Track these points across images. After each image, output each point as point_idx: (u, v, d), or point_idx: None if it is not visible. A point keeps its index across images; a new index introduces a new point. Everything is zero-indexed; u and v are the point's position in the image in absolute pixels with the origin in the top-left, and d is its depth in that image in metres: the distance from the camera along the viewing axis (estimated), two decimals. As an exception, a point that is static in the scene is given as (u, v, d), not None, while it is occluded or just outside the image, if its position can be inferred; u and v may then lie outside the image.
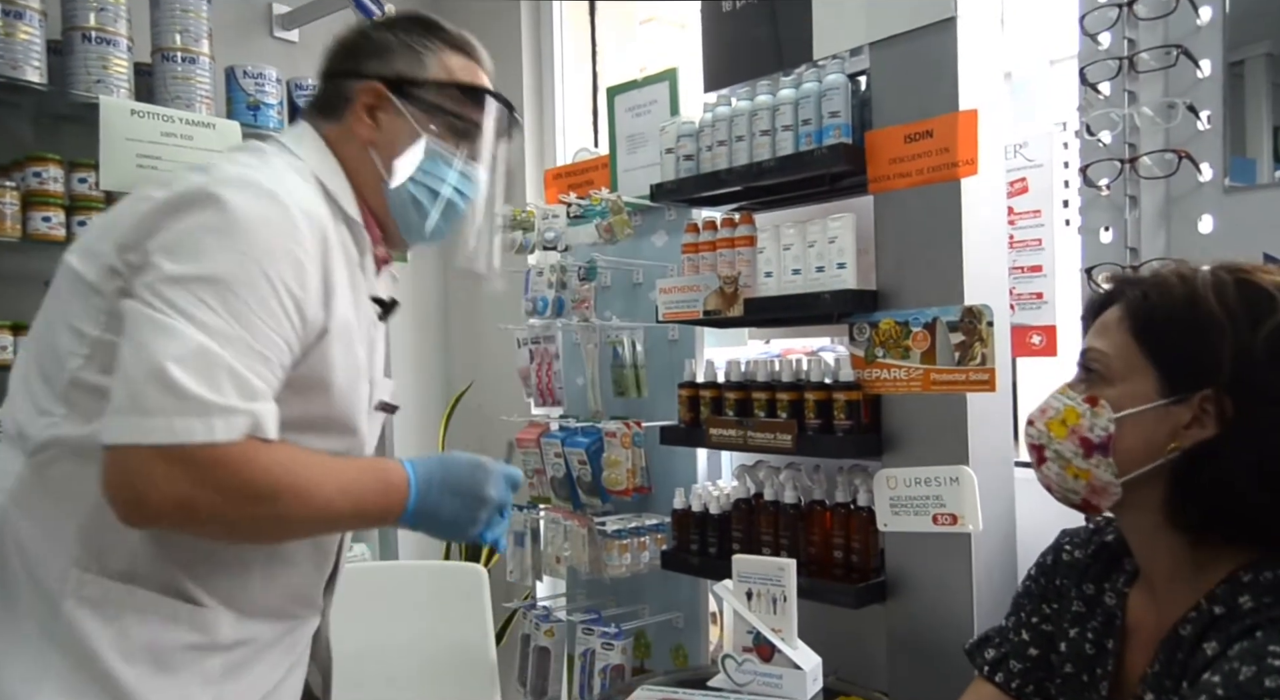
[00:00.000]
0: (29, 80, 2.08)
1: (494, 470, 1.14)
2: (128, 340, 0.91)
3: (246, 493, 0.93)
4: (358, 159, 1.16)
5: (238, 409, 0.91)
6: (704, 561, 1.95)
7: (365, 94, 1.16)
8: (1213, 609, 0.90)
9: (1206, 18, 1.45)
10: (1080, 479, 0.98)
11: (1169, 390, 0.93)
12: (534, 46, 3.11)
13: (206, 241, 0.94)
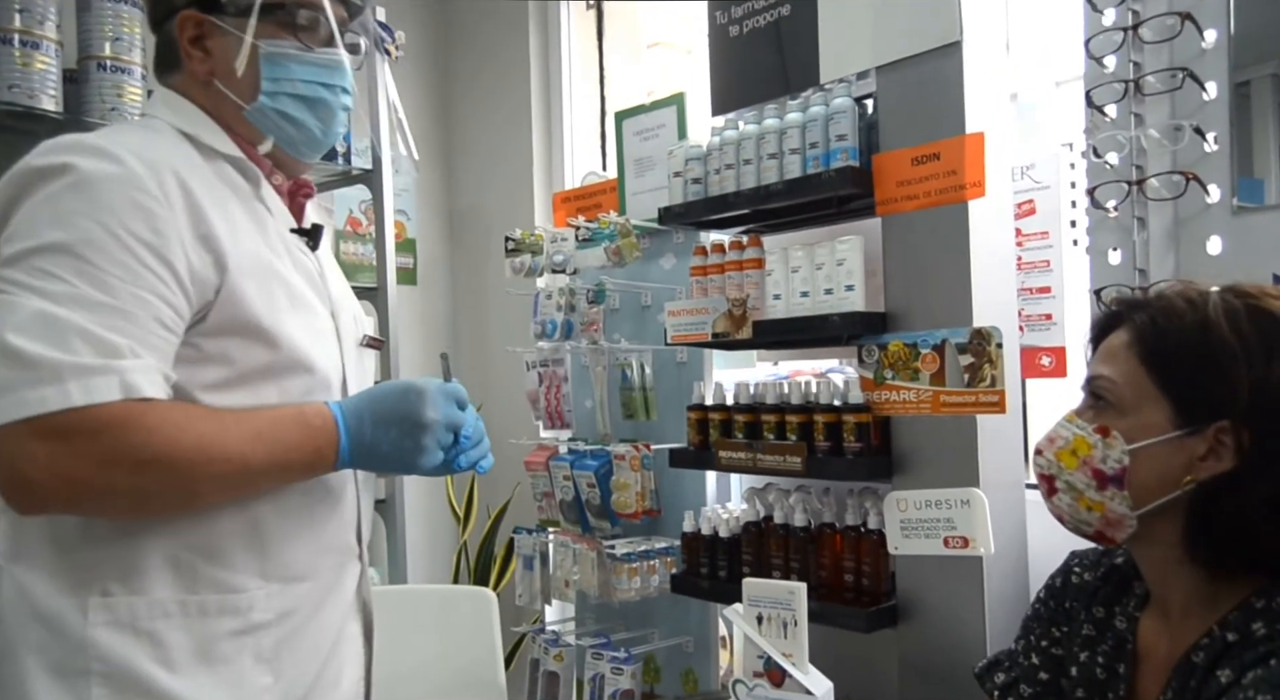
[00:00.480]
0: (45, 109, 2.10)
1: (428, 390, 1.05)
2: None
3: (136, 458, 0.87)
4: (214, 98, 1.08)
5: (96, 368, 0.85)
6: (714, 585, 1.94)
7: (185, 26, 1.07)
8: (1226, 636, 0.89)
9: (1211, 41, 1.45)
10: (1094, 511, 0.96)
11: (1183, 421, 0.91)
12: (542, 70, 3.14)
13: (42, 214, 0.90)
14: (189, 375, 0.97)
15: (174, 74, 1.11)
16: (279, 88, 1.08)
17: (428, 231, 3.33)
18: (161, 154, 0.98)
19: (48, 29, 2.11)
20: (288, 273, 1.07)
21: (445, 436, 1.06)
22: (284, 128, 1.10)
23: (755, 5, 1.93)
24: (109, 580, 0.96)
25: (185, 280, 0.95)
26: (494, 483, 3.08)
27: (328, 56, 1.11)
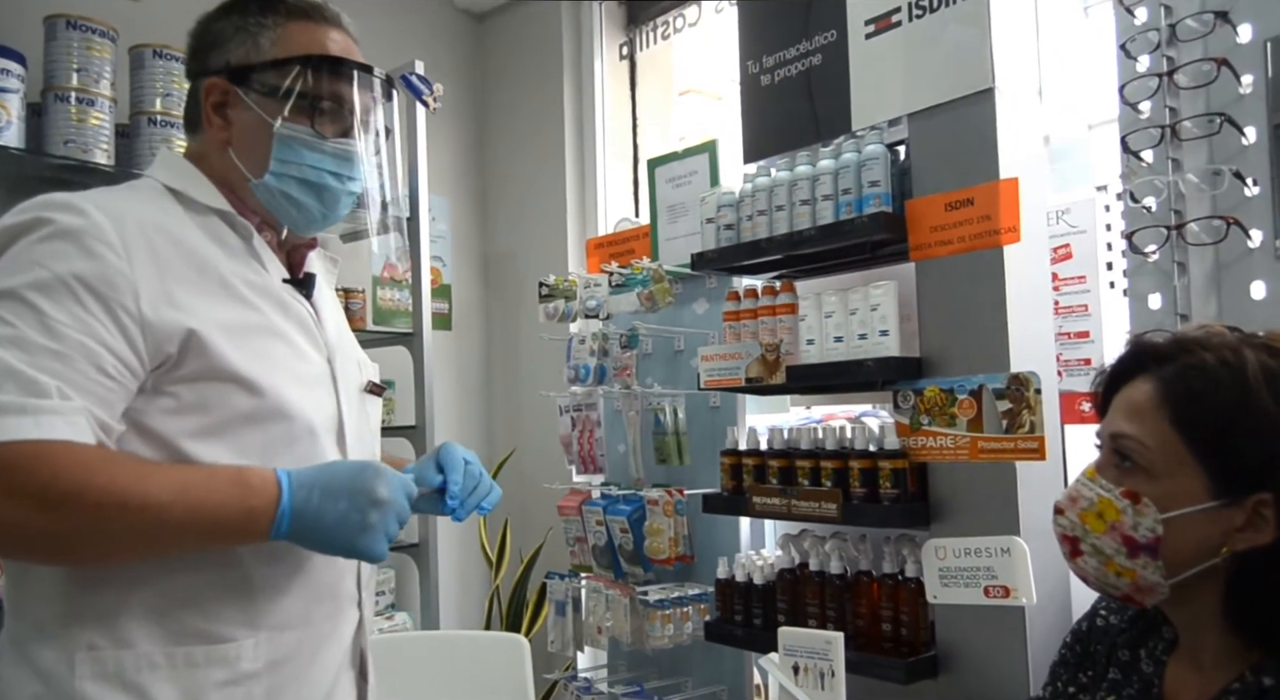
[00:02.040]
0: (97, 162, 2.18)
1: (385, 471, 1.01)
2: None
3: (41, 496, 0.85)
4: (226, 163, 1.09)
5: (12, 406, 0.85)
6: (749, 633, 1.92)
7: (210, 93, 1.08)
8: (1261, 680, 0.87)
9: (1249, 85, 1.45)
10: (1124, 577, 0.92)
11: (1220, 492, 0.87)
12: (576, 118, 3.19)
13: (4, 264, 0.92)
14: (170, 424, 0.97)
15: (196, 132, 1.13)
16: (286, 170, 1.09)
17: (463, 277, 3.38)
18: (131, 209, 0.98)
19: (103, 86, 2.19)
20: (276, 321, 1.06)
21: (394, 526, 1.01)
22: (284, 207, 1.11)
23: (786, 55, 1.96)
24: (94, 633, 0.95)
25: (135, 330, 0.94)
26: (526, 527, 3.08)
27: (341, 147, 1.11)
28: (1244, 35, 1.46)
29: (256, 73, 1.08)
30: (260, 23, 1.10)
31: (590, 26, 3.19)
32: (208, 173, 1.10)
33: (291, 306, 1.10)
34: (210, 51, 1.11)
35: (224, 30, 1.11)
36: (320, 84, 1.09)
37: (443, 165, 3.28)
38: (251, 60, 1.08)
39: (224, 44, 1.10)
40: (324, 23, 1.14)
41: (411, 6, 3.28)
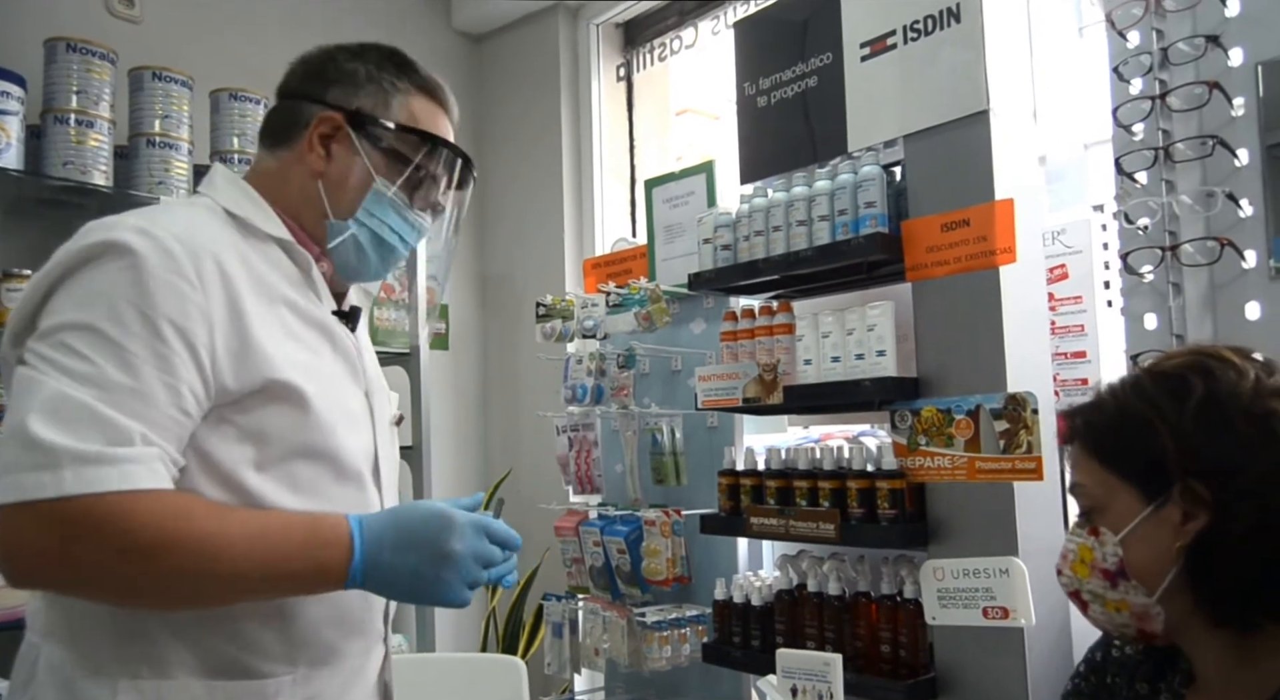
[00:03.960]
0: (96, 184, 2.18)
1: (458, 520, 0.99)
2: (5, 405, 0.87)
3: (125, 546, 0.85)
4: (299, 187, 1.10)
5: (95, 456, 0.84)
6: (746, 655, 1.91)
7: (323, 123, 1.09)
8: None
9: (1241, 108, 1.46)
10: (1122, 611, 0.97)
11: (1149, 497, 0.94)
12: (573, 138, 3.21)
13: (76, 291, 0.90)
14: (230, 452, 0.97)
15: (278, 148, 1.12)
16: (369, 222, 1.11)
17: (460, 297, 3.38)
18: (204, 237, 0.98)
19: (102, 108, 2.20)
20: (327, 355, 1.07)
21: (474, 571, 1.00)
22: (350, 252, 1.12)
23: (782, 77, 1.97)
24: (138, 663, 0.95)
25: (208, 364, 0.93)
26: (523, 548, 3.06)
27: (422, 221, 1.16)
28: (1235, 59, 1.47)
29: (378, 128, 1.10)
30: (394, 83, 1.13)
31: (587, 48, 3.21)
32: (271, 192, 1.09)
33: (340, 340, 1.11)
34: (334, 86, 1.12)
35: (356, 73, 1.13)
36: (434, 165, 1.14)
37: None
38: (378, 115, 1.11)
39: (352, 86, 1.12)
40: (444, 109, 1.18)
41: (409, 27, 3.30)
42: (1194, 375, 0.93)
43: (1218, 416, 0.90)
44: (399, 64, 1.15)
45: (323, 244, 1.11)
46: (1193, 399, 0.92)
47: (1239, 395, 0.90)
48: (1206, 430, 0.91)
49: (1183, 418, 0.91)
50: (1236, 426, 0.90)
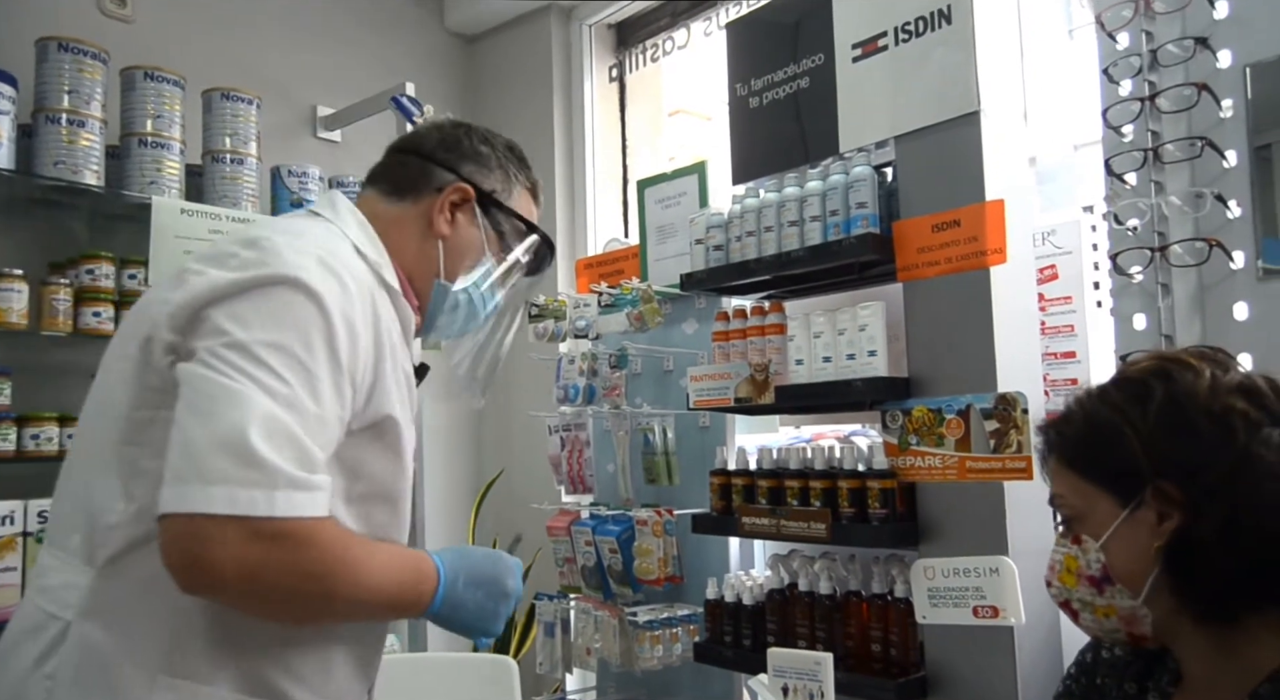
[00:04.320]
0: (87, 183, 2.18)
1: (511, 562, 1.13)
2: (189, 405, 0.89)
3: (307, 569, 0.91)
4: (418, 242, 1.18)
5: (301, 481, 0.89)
6: (738, 654, 1.91)
7: (456, 192, 1.19)
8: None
9: (1229, 109, 1.47)
10: (1111, 617, 0.99)
11: (1124, 501, 0.96)
12: (565, 138, 3.21)
13: (264, 308, 0.94)
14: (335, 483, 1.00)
15: (397, 198, 1.19)
16: (470, 290, 1.22)
17: (453, 296, 3.38)
18: (365, 278, 1.06)
19: (93, 108, 2.20)
20: (408, 404, 1.14)
21: (509, 610, 1.13)
22: (443, 312, 1.22)
23: (774, 78, 1.98)
24: (183, 664, 0.97)
25: (353, 399, 1.00)
26: (515, 548, 3.07)
27: (501, 295, 1.28)
28: (1224, 61, 1.48)
29: (501, 212, 1.24)
30: (517, 175, 1.27)
31: (580, 49, 3.21)
32: (386, 238, 1.15)
33: (414, 391, 1.18)
34: (468, 161, 1.22)
35: (488, 156, 1.24)
36: (536, 258, 1.29)
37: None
38: (501, 200, 1.24)
39: (483, 166, 1.23)
40: (539, 207, 1.33)
41: (403, 29, 3.30)
42: (1154, 379, 0.96)
43: (1179, 417, 0.93)
44: (519, 158, 1.29)
45: (422, 299, 1.19)
46: (1154, 402, 0.94)
47: (1197, 395, 0.93)
48: (1170, 432, 0.93)
49: (1146, 421, 0.94)
50: (1198, 426, 0.92)
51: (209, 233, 2.27)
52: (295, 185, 2.61)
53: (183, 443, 0.87)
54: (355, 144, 3.09)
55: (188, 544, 0.86)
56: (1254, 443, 0.90)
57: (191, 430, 0.87)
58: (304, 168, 2.65)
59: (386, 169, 1.22)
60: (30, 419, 2.13)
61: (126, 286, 2.28)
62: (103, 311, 2.22)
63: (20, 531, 2.00)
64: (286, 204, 2.60)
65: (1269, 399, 0.93)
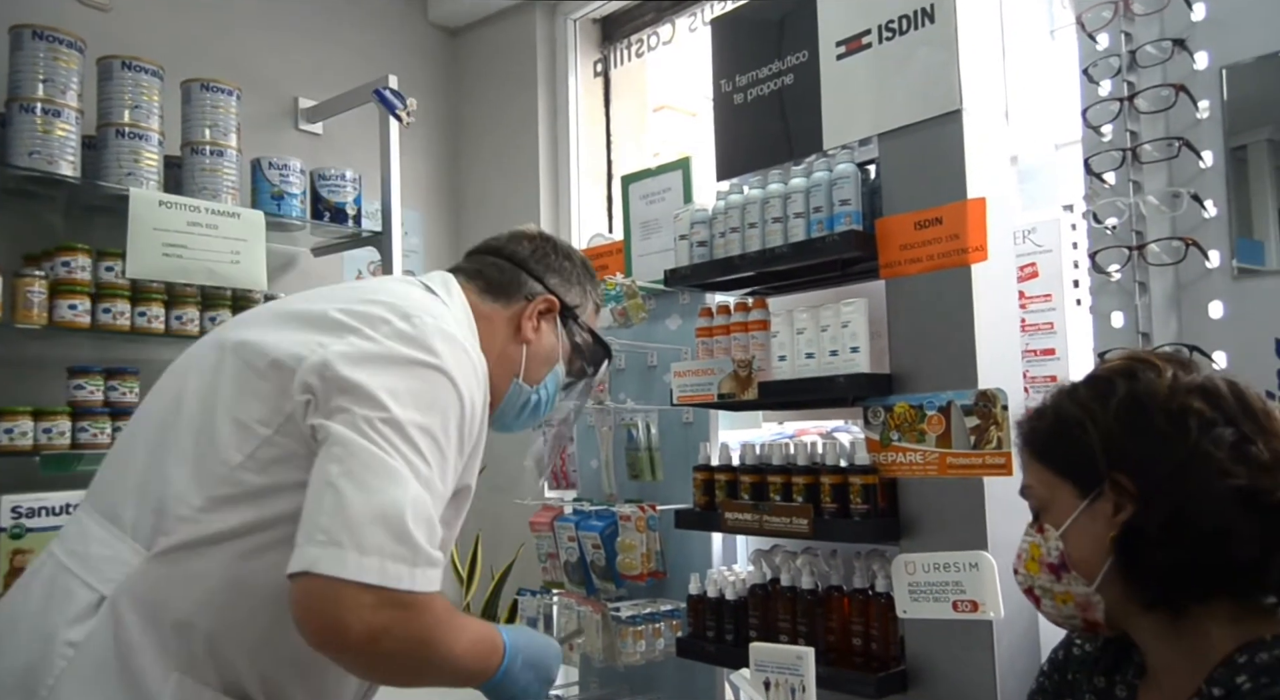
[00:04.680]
0: (63, 174, 2.15)
1: (557, 651, 1.24)
2: (347, 471, 0.94)
3: (427, 637, 0.98)
4: (504, 343, 1.28)
5: (433, 560, 0.97)
6: (720, 649, 1.92)
7: (544, 302, 1.31)
8: (1213, 691, 0.92)
9: (1206, 110, 1.48)
10: (1068, 603, 1.03)
11: (1083, 492, 1.01)
12: (550, 133, 3.20)
13: (422, 393, 1.02)
14: None
15: (491, 298, 1.29)
16: (542, 393, 1.34)
17: (435, 291, 3.36)
18: (481, 367, 1.14)
19: (69, 97, 2.17)
20: None
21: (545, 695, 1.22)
22: (514, 409, 1.33)
23: (759, 74, 1.98)
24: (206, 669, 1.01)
25: None
26: (498, 543, 3.06)
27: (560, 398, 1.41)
28: (1200, 62, 1.50)
29: (576, 324, 1.36)
30: (590, 291, 1.40)
31: (564, 43, 3.21)
32: (480, 332, 1.24)
33: None
34: (553, 274, 1.34)
35: (571, 273, 1.37)
36: (599, 369, 1.43)
37: (416, 179, 3.28)
38: (578, 314, 1.37)
39: (566, 280, 1.36)
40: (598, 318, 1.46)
41: (386, 21, 3.28)
42: (1119, 378, 1.01)
43: (1138, 414, 0.98)
44: (592, 275, 1.42)
45: (496, 393, 1.26)
46: (1115, 399, 0.99)
47: (1156, 394, 0.98)
48: (1127, 427, 0.98)
49: (1107, 417, 0.99)
50: (1155, 422, 0.97)
51: (188, 225, 2.25)
52: (276, 178, 2.59)
53: (339, 507, 0.93)
54: (337, 137, 3.07)
55: (327, 606, 0.92)
56: (1205, 440, 0.94)
57: (350, 496, 0.93)
58: (285, 160, 2.62)
59: (482, 268, 1.31)
60: (4, 413, 2.10)
61: (103, 279, 2.26)
62: (79, 304, 2.19)
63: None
64: (267, 197, 2.58)
65: (1226, 401, 0.96)
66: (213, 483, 1.00)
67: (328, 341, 1.03)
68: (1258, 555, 0.92)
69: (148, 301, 2.31)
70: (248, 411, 1.02)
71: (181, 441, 1.05)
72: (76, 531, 1.07)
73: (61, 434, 2.15)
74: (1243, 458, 0.93)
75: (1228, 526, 0.92)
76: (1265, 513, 0.92)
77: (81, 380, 2.23)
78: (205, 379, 1.09)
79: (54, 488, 2.04)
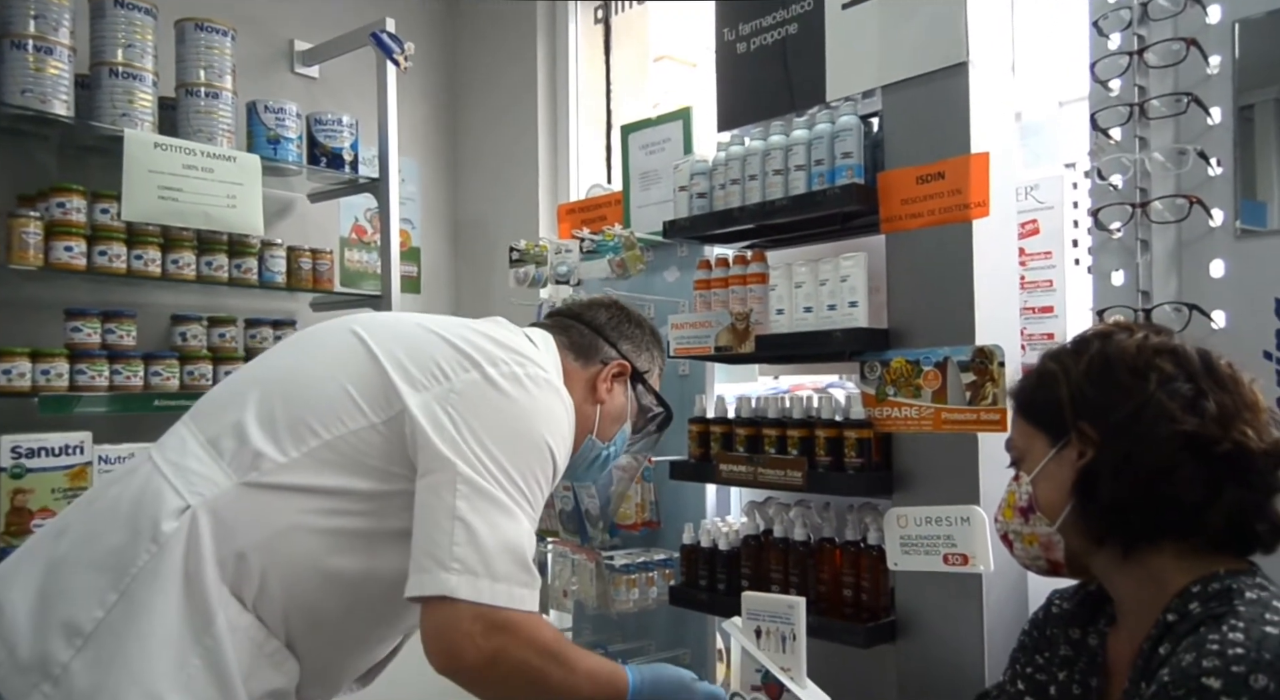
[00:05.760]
0: (56, 113, 2.12)
1: (698, 692, 1.31)
2: (473, 507, 1.08)
3: (541, 650, 1.10)
4: (581, 401, 1.36)
5: (534, 583, 1.11)
6: (712, 598, 1.95)
7: (618, 367, 1.42)
8: (1167, 618, 0.98)
9: (1216, 66, 1.46)
10: (1033, 544, 1.10)
11: (1053, 440, 1.09)
12: (549, 83, 3.16)
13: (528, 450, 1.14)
14: None
15: (578, 361, 1.40)
16: (611, 450, 1.45)
17: (432, 241, 3.35)
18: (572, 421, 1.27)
19: (61, 34, 2.13)
20: None
21: None
22: (585, 464, 1.44)
23: (763, 23, 1.95)
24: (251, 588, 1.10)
25: None
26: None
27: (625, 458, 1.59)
28: (1213, 16, 1.47)
29: (645, 389, 1.48)
30: (656, 357, 1.52)
31: (565, -11, 3.14)
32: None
33: None
34: (626, 340, 1.46)
35: (641, 340, 1.49)
36: (661, 430, 1.56)
37: (413, 126, 3.24)
38: (646, 378, 1.48)
39: (637, 348, 1.48)
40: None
41: (383, -38, 3.21)
42: (1096, 338, 1.09)
43: (1104, 368, 1.05)
44: (659, 341, 1.55)
45: (574, 448, 1.34)
46: (1087, 356, 1.07)
47: (1125, 351, 1.05)
48: (1094, 380, 1.05)
49: (1078, 372, 1.07)
50: (1118, 376, 1.04)
51: (183, 168, 2.22)
52: (272, 122, 2.56)
53: (470, 537, 1.07)
54: (334, 80, 3.03)
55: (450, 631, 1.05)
56: (1161, 392, 1.00)
57: (479, 529, 1.07)
58: (281, 104, 2.59)
59: (568, 330, 1.42)
60: (2, 354, 2.10)
61: (99, 221, 2.24)
62: (75, 246, 2.18)
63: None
64: (263, 141, 2.55)
65: (1191, 363, 1.02)
66: (314, 438, 1.12)
67: (455, 372, 1.16)
68: (1200, 499, 0.97)
69: (144, 245, 2.29)
70: (361, 389, 1.14)
71: (296, 396, 1.16)
72: (177, 444, 1.17)
73: (60, 376, 2.15)
74: (1195, 409, 0.99)
75: (1172, 467, 0.97)
76: (1211, 461, 0.97)
77: (78, 323, 2.23)
78: (333, 353, 1.20)
79: (53, 429, 2.05)
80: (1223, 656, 0.86)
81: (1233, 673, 0.85)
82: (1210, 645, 0.88)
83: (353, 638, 1.23)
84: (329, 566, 1.12)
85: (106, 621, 1.04)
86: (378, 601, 1.18)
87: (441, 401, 1.12)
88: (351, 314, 1.36)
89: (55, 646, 1.03)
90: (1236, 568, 0.98)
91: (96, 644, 1.02)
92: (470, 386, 1.14)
